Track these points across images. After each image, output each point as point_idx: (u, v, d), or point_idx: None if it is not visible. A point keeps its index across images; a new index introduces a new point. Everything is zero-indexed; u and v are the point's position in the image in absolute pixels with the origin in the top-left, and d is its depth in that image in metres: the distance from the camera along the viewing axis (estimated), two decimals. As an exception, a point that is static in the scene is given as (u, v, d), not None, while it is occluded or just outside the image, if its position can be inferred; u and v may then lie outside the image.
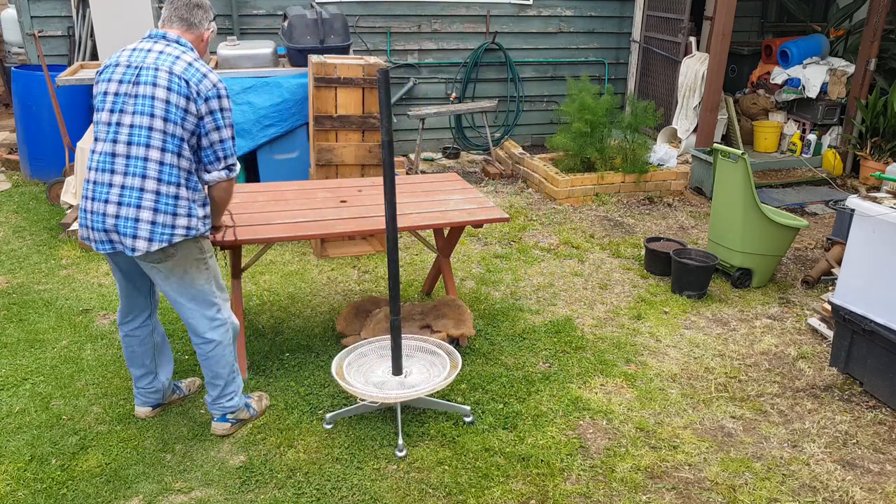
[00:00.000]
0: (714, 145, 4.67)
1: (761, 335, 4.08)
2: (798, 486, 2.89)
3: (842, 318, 3.52)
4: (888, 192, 3.53)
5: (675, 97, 6.96)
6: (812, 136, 7.14)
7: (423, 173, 6.76)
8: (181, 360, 3.65)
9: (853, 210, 3.45)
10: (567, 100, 6.30)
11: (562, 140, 6.21)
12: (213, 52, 5.88)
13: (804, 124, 7.27)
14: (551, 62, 7.68)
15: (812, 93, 7.00)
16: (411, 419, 3.22)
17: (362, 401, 3.10)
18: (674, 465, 3.00)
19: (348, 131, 4.94)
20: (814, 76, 7.01)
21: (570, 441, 3.12)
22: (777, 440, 3.17)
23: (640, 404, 3.40)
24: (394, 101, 7.19)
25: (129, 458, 2.96)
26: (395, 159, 6.73)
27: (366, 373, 3.17)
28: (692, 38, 6.91)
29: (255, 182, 5.47)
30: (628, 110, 6.42)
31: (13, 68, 6.27)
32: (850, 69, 6.90)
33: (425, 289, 4.45)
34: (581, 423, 3.25)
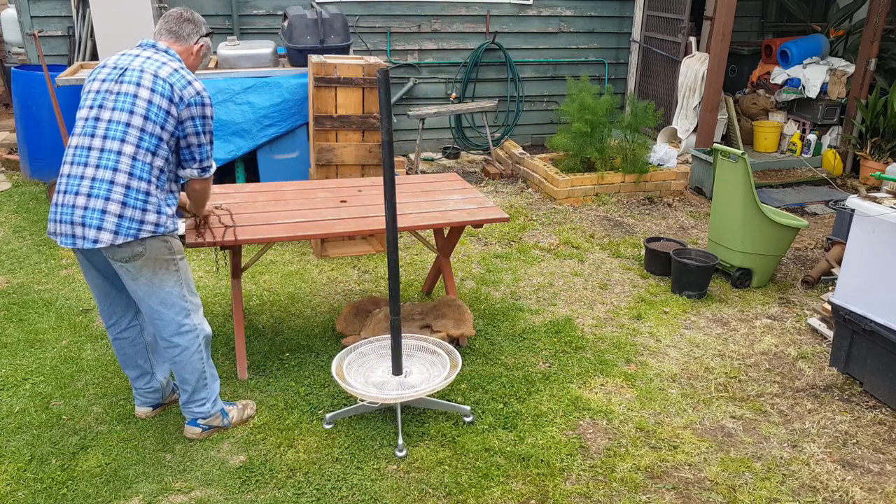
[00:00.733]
0: (714, 145, 4.67)
1: (761, 335, 4.08)
2: (798, 486, 2.89)
3: (842, 318, 3.52)
4: (888, 192, 3.53)
5: (675, 97, 6.96)
6: (812, 136, 7.14)
7: (423, 173, 6.76)
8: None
9: (853, 210, 3.45)
10: (567, 100, 6.31)
11: (562, 140, 6.21)
12: (213, 52, 5.89)
13: (804, 124, 7.27)
14: (551, 62, 7.68)
15: (812, 93, 7.00)
16: (411, 419, 3.22)
17: (362, 401, 3.10)
18: (674, 465, 3.00)
19: (348, 131, 4.94)
20: (814, 76, 7.01)
21: (570, 441, 3.12)
22: (777, 440, 3.17)
23: (640, 404, 3.40)
24: (394, 101, 7.19)
25: (129, 458, 2.96)
26: (395, 159, 6.73)
27: (366, 373, 3.17)
28: (692, 38, 6.91)
29: (255, 182, 5.47)
30: (628, 110, 6.42)
31: (13, 68, 6.28)
32: (850, 69, 6.90)
33: (425, 289, 4.45)
34: (581, 423, 3.25)
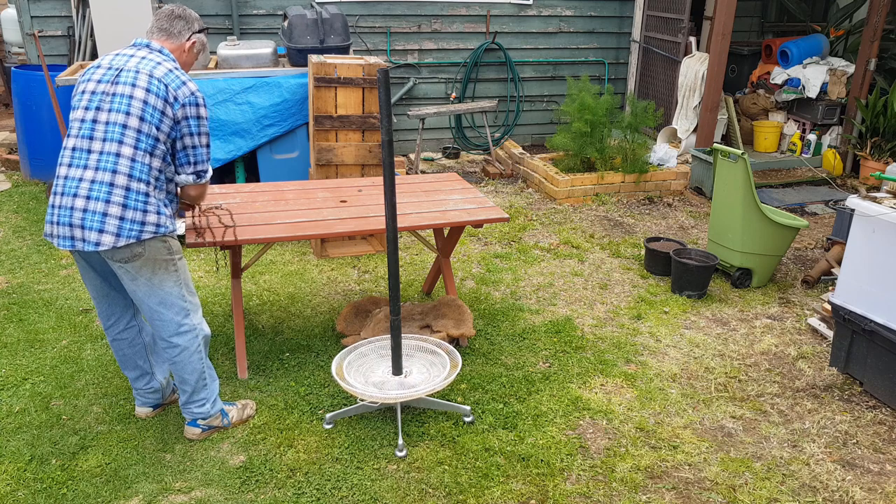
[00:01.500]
0: (714, 145, 4.67)
1: (761, 335, 4.08)
2: (798, 486, 2.89)
3: (842, 318, 3.52)
4: (888, 192, 3.53)
5: (675, 97, 6.96)
6: (812, 136, 7.14)
7: (423, 173, 6.76)
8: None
9: (853, 210, 3.45)
10: (567, 100, 6.31)
11: (562, 140, 6.21)
12: (213, 52, 5.89)
13: (804, 124, 7.27)
14: (551, 62, 7.68)
15: (812, 93, 7.00)
16: (411, 419, 3.22)
17: (362, 401, 3.10)
18: (674, 465, 3.00)
19: (348, 131, 4.94)
20: (814, 76, 7.01)
21: (570, 441, 3.12)
22: (777, 440, 3.17)
23: (640, 404, 3.40)
24: (394, 101, 7.19)
25: (129, 458, 2.96)
26: (395, 159, 6.74)
27: (366, 373, 3.17)
28: (692, 38, 6.91)
29: (255, 182, 5.47)
30: (628, 110, 6.42)
31: (13, 68, 6.27)
32: (850, 69, 6.90)
33: (425, 289, 4.45)
34: (581, 423, 3.25)
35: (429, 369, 3.20)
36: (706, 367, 3.74)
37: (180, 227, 3.32)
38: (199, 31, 2.93)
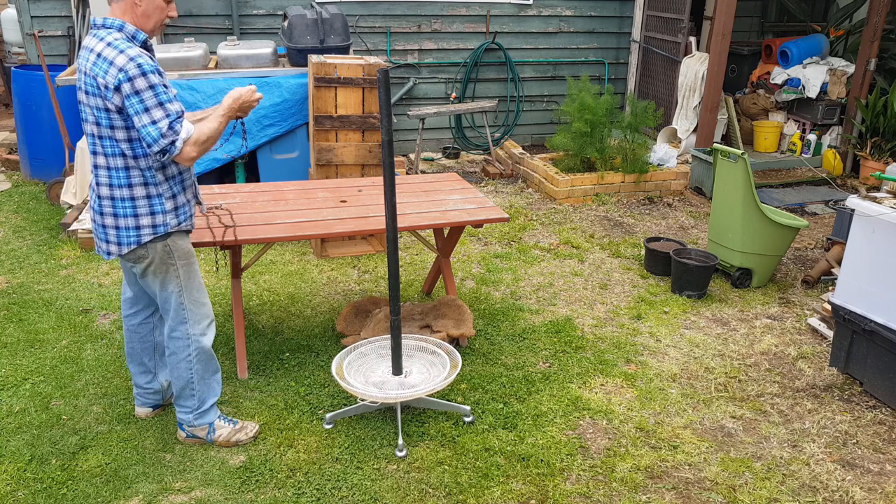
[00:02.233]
0: (714, 145, 4.67)
1: (761, 335, 4.08)
2: (798, 486, 2.89)
3: (842, 318, 3.52)
4: (888, 192, 3.53)
5: (675, 97, 6.96)
6: (812, 136, 7.14)
7: (423, 173, 6.76)
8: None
9: (853, 210, 3.45)
10: (567, 100, 6.31)
11: (562, 140, 6.21)
12: (213, 52, 5.89)
13: (804, 124, 7.27)
14: (551, 62, 7.68)
15: (812, 93, 7.00)
16: (411, 419, 3.22)
17: (362, 401, 3.10)
18: (674, 465, 3.00)
19: (348, 131, 4.94)
20: (814, 76, 7.01)
21: (570, 441, 3.12)
22: (777, 440, 3.17)
23: (640, 404, 3.40)
24: (394, 101, 7.19)
25: (129, 458, 2.96)
26: (395, 159, 6.73)
27: (366, 373, 3.17)
28: (692, 38, 6.91)
29: (255, 182, 5.47)
30: (628, 110, 6.42)
31: (13, 68, 6.28)
32: (850, 69, 6.90)
33: (425, 289, 4.45)
34: (581, 423, 3.25)
35: (429, 369, 3.20)
36: (706, 367, 3.74)
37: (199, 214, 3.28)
38: None
